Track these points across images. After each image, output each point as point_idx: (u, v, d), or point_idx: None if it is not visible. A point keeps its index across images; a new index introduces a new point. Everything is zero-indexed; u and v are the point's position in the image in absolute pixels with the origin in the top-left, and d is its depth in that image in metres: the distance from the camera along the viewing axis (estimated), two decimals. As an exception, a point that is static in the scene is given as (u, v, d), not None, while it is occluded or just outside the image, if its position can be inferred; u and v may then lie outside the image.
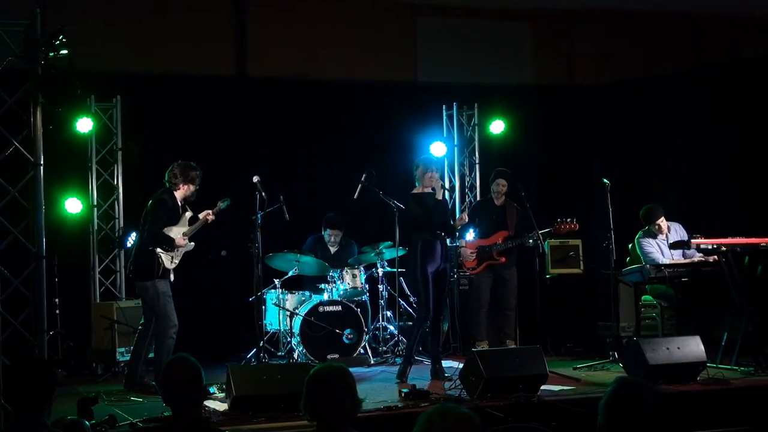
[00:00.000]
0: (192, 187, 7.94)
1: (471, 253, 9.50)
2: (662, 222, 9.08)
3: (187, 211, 8.04)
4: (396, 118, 10.81)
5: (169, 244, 7.81)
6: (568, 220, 9.14)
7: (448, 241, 8.47)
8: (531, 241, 9.05)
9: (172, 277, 7.94)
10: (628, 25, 11.23)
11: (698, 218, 9.45)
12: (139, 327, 8.07)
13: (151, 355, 8.25)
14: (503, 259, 9.29)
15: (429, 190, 8.04)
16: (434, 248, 7.93)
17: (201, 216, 8.07)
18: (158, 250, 7.77)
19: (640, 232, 9.17)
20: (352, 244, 10.05)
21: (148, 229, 7.85)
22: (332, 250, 9.95)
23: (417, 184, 8.12)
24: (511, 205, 9.43)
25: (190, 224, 8.03)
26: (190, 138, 10.24)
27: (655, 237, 9.06)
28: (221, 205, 8.13)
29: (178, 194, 7.91)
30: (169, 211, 7.87)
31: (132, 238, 8.87)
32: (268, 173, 9.84)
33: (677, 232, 9.05)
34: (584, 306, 10.22)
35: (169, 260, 7.85)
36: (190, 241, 8.02)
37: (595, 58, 11.63)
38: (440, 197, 8.08)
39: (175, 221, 7.90)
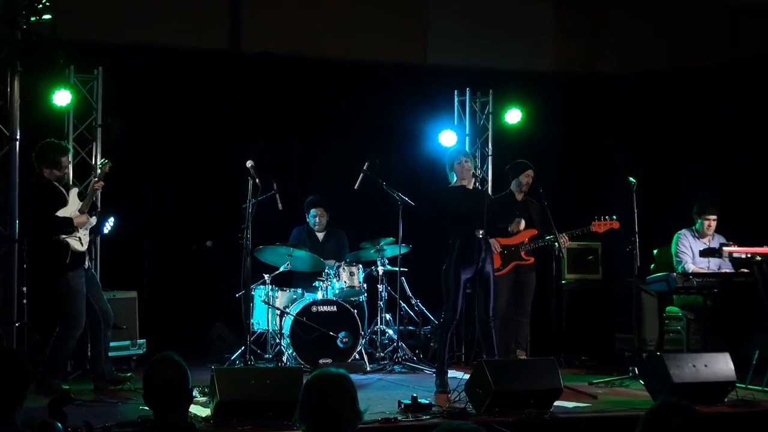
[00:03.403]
0: (56, 171, 7.85)
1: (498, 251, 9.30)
2: (713, 222, 9.10)
3: (71, 188, 8.00)
4: (402, 103, 10.80)
5: (69, 226, 7.75)
6: (607, 217, 9.05)
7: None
8: (557, 244, 8.98)
9: (87, 263, 7.91)
10: (657, 11, 11.21)
11: (730, 223, 9.40)
12: (86, 325, 8.06)
13: (114, 353, 8.40)
14: (532, 260, 9.20)
15: (465, 183, 8.05)
16: (472, 249, 7.85)
17: (89, 188, 8.03)
18: (61, 236, 7.74)
19: (683, 229, 9.18)
20: (342, 234, 10.09)
21: (37, 221, 7.77)
22: (320, 237, 9.99)
23: (452, 180, 8.10)
24: (531, 202, 9.39)
25: (81, 200, 7.96)
26: (177, 116, 10.25)
27: (698, 237, 9.08)
28: (102, 169, 8.00)
29: (48, 176, 7.86)
30: (48, 194, 7.80)
31: (110, 224, 8.83)
32: (262, 158, 9.81)
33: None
34: (602, 316, 10.19)
35: (77, 243, 7.79)
36: (90, 216, 7.96)
37: (622, 44, 11.61)
38: (470, 187, 8.03)
39: (63, 203, 7.85)
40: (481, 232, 7.86)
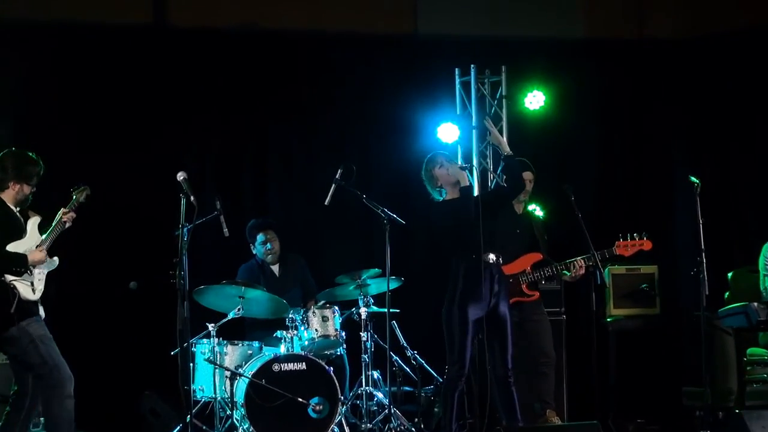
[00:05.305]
0: (26, 188, 7.79)
1: None
2: None
3: (31, 217, 7.94)
4: (386, 87, 10.87)
5: (21, 265, 7.65)
6: (636, 236, 9.04)
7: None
8: (568, 273, 8.94)
9: (42, 313, 7.83)
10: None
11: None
12: (11, 395, 7.95)
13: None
14: (536, 295, 9.17)
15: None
16: (480, 280, 7.81)
17: (56, 219, 7.96)
18: (8, 277, 7.64)
19: None
20: (300, 260, 10.16)
21: None
22: (275, 270, 10.06)
23: (439, 197, 8.08)
24: (536, 217, 9.37)
25: (42, 233, 7.89)
26: (87, 114, 10.30)
27: None
28: (77, 196, 7.98)
29: (7, 197, 7.79)
30: (3, 219, 7.73)
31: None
32: (200, 167, 9.78)
33: None
34: (663, 363, 10.20)
35: (28, 289, 7.69)
36: (51, 256, 7.88)
37: (676, 2, 11.63)
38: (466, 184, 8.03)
39: (17, 234, 7.77)
40: (492, 257, 7.84)
